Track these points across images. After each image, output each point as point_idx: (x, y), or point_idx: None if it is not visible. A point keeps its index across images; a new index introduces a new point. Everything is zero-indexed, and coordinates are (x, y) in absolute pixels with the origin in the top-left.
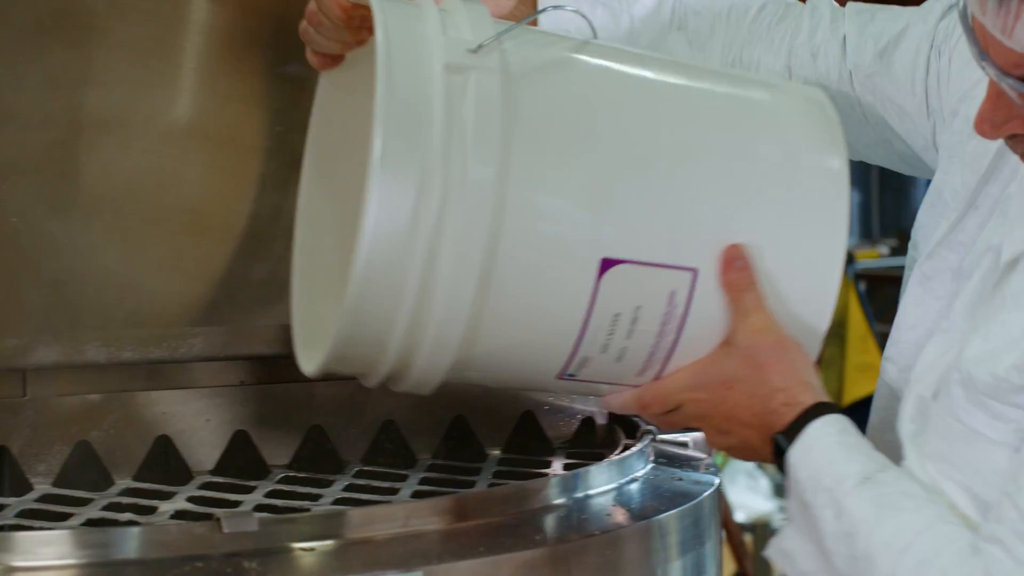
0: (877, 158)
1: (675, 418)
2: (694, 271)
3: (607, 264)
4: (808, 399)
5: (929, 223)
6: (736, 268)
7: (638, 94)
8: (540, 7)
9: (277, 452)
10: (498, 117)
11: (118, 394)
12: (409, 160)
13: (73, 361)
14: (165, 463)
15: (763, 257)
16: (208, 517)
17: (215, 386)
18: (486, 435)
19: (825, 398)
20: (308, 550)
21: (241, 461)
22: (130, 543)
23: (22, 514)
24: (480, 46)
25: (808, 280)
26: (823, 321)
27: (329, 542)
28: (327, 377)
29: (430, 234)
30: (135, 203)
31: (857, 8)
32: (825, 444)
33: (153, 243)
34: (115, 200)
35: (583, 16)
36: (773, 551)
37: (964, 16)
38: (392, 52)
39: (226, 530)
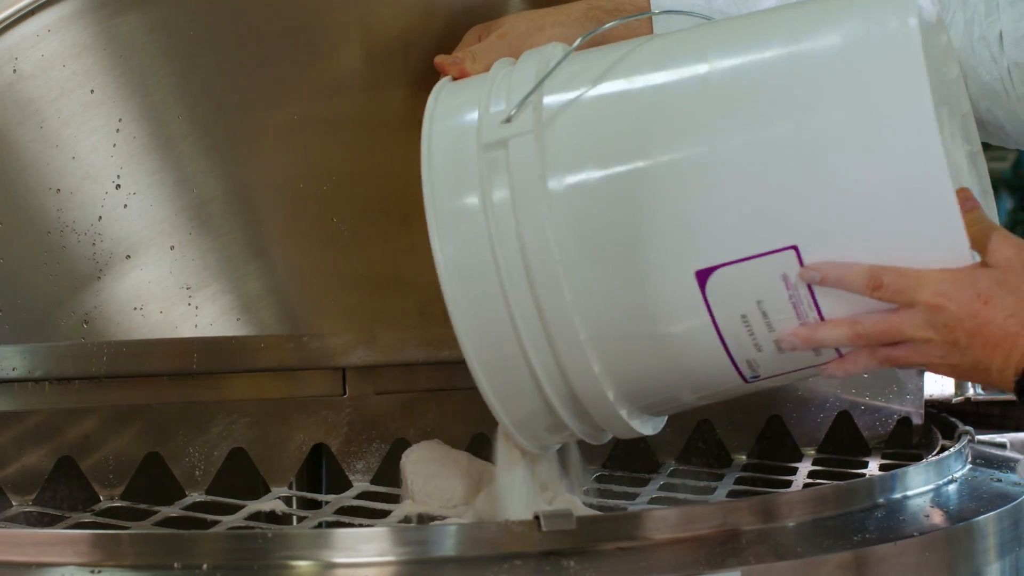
0: None
1: (900, 324)
2: (793, 248)
3: (703, 275)
4: None
5: None
6: (969, 207)
7: (685, 98)
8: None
9: (592, 452)
10: (536, 176)
11: (436, 393)
12: (474, 256)
13: (392, 360)
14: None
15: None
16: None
17: None
18: (800, 434)
19: None
20: (625, 549)
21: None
22: (448, 540)
23: (341, 511)
24: (510, 117)
25: (920, 216)
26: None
27: (645, 541)
28: None
29: (525, 318)
30: None
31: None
32: None
33: None
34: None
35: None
36: None
37: None
38: (433, 151)
39: (544, 528)
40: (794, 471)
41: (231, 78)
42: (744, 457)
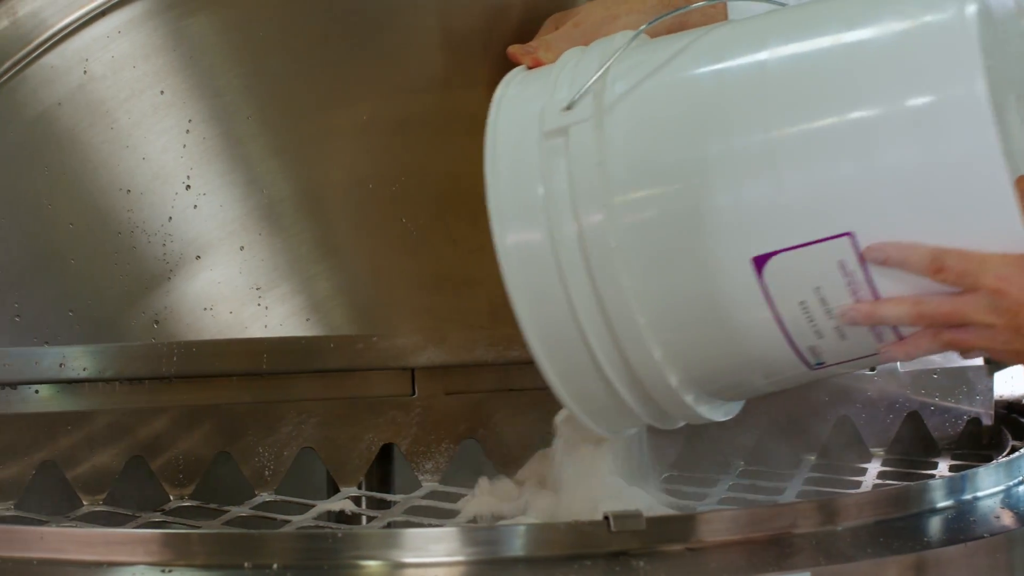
0: None
1: (963, 307)
2: (849, 235)
3: (760, 261)
4: None
5: None
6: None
7: (743, 85)
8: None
9: (661, 453)
10: (594, 164)
11: (505, 393)
12: (533, 243)
13: (461, 360)
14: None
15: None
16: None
17: None
18: (870, 435)
19: None
20: (695, 549)
21: None
22: (517, 541)
23: (410, 511)
24: (570, 105)
25: (976, 204)
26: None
27: (714, 542)
28: None
29: (585, 305)
30: None
31: None
32: None
33: None
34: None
35: None
36: None
37: None
38: (497, 139)
39: (614, 529)
40: (863, 472)
41: (301, 78)
42: (813, 457)
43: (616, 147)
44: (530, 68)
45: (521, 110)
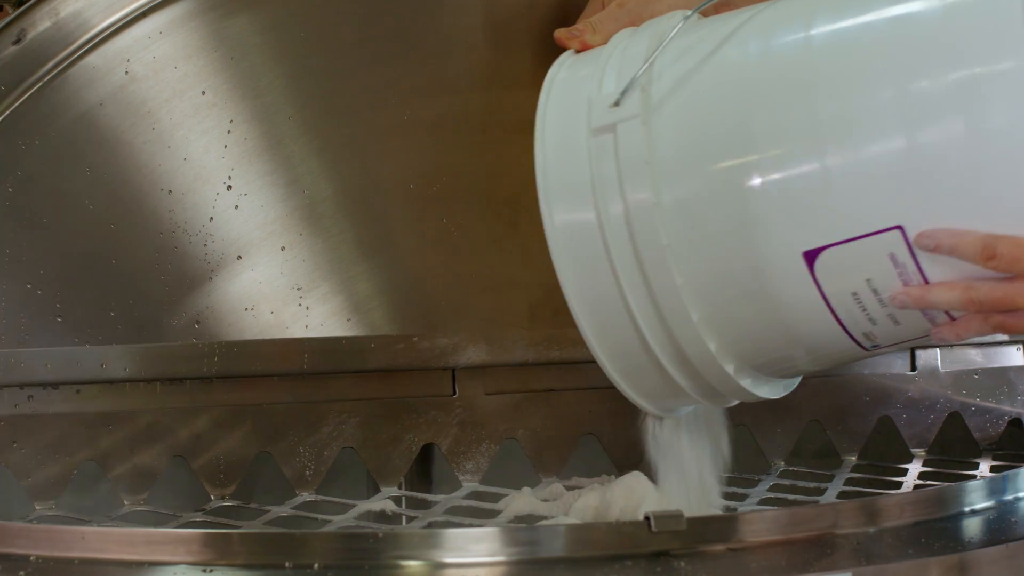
0: None
1: (1014, 293)
2: (898, 228)
3: (810, 256)
4: None
5: None
6: None
7: (788, 74)
8: None
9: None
10: (643, 162)
11: (545, 393)
12: (585, 243)
13: (502, 360)
14: (588, 460)
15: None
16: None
17: None
18: (911, 435)
19: None
20: (736, 549)
21: None
22: (558, 541)
23: (451, 511)
24: (618, 101)
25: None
26: None
27: (755, 542)
28: None
29: (639, 301)
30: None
31: None
32: None
33: None
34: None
35: None
36: None
37: None
38: (547, 133)
39: (655, 529)
40: (904, 472)
41: (342, 79)
42: (854, 458)
43: (664, 144)
44: (578, 52)
45: (570, 97)
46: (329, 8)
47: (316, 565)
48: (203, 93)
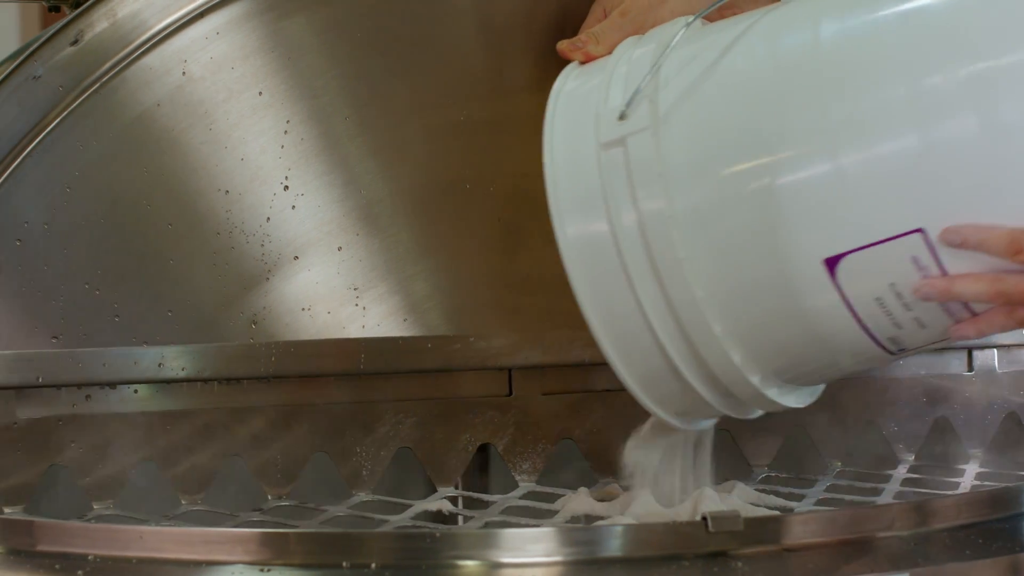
0: None
1: None
2: (919, 231)
3: (831, 262)
4: None
5: None
6: None
7: (797, 78)
8: None
9: (758, 452)
10: (655, 175)
11: (601, 393)
12: (601, 259)
13: (558, 361)
14: None
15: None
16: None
17: None
18: (968, 436)
19: None
20: (792, 549)
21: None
22: (615, 541)
23: (507, 511)
24: (623, 114)
25: None
26: None
27: (812, 542)
28: None
29: (659, 315)
30: None
31: None
32: None
33: None
34: None
35: None
36: None
37: None
38: (555, 140)
39: (712, 529)
40: (961, 473)
41: (398, 79)
42: (911, 458)
43: (676, 156)
44: (582, 64)
45: (578, 110)
46: (384, 9)
47: (373, 565)
48: (260, 94)
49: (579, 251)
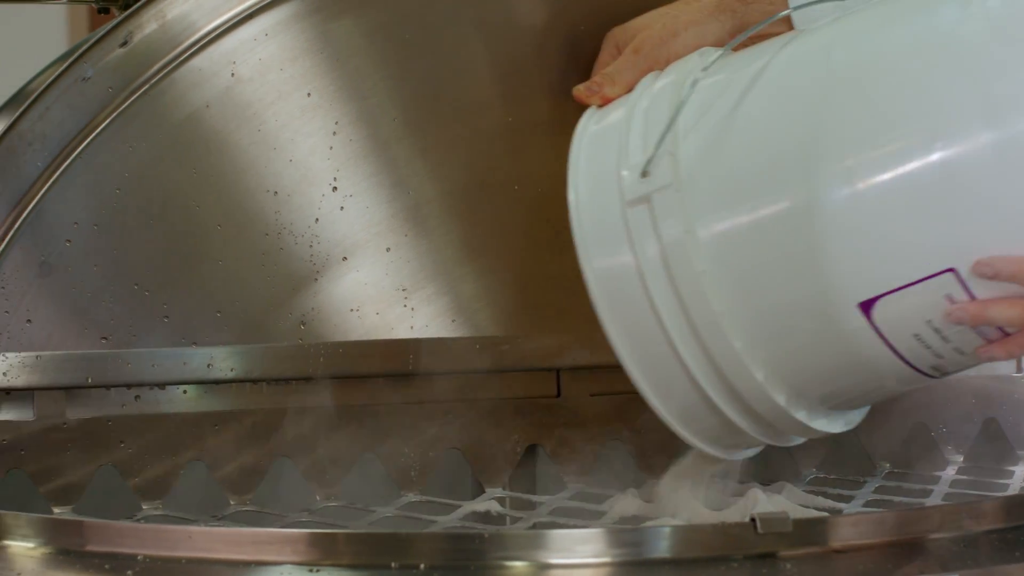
0: None
1: None
2: (951, 270)
3: (866, 306)
4: None
5: None
6: None
7: (813, 118)
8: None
9: (807, 454)
10: (683, 231)
11: None
12: (634, 312)
13: (607, 362)
14: None
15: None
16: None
17: None
18: (1016, 437)
19: None
20: (841, 551)
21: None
22: (664, 542)
23: (556, 512)
24: (645, 171)
25: None
26: None
27: (860, 543)
28: None
29: (700, 366)
30: None
31: None
32: None
33: None
34: None
35: None
36: None
37: None
38: (580, 185)
39: (760, 530)
40: (1011, 475)
41: (446, 80)
42: (960, 460)
43: (703, 210)
44: (600, 108)
45: (602, 154)
46: (432, 11)
47: (422, 565)
48: (308, 95)
49: (608, 292)
